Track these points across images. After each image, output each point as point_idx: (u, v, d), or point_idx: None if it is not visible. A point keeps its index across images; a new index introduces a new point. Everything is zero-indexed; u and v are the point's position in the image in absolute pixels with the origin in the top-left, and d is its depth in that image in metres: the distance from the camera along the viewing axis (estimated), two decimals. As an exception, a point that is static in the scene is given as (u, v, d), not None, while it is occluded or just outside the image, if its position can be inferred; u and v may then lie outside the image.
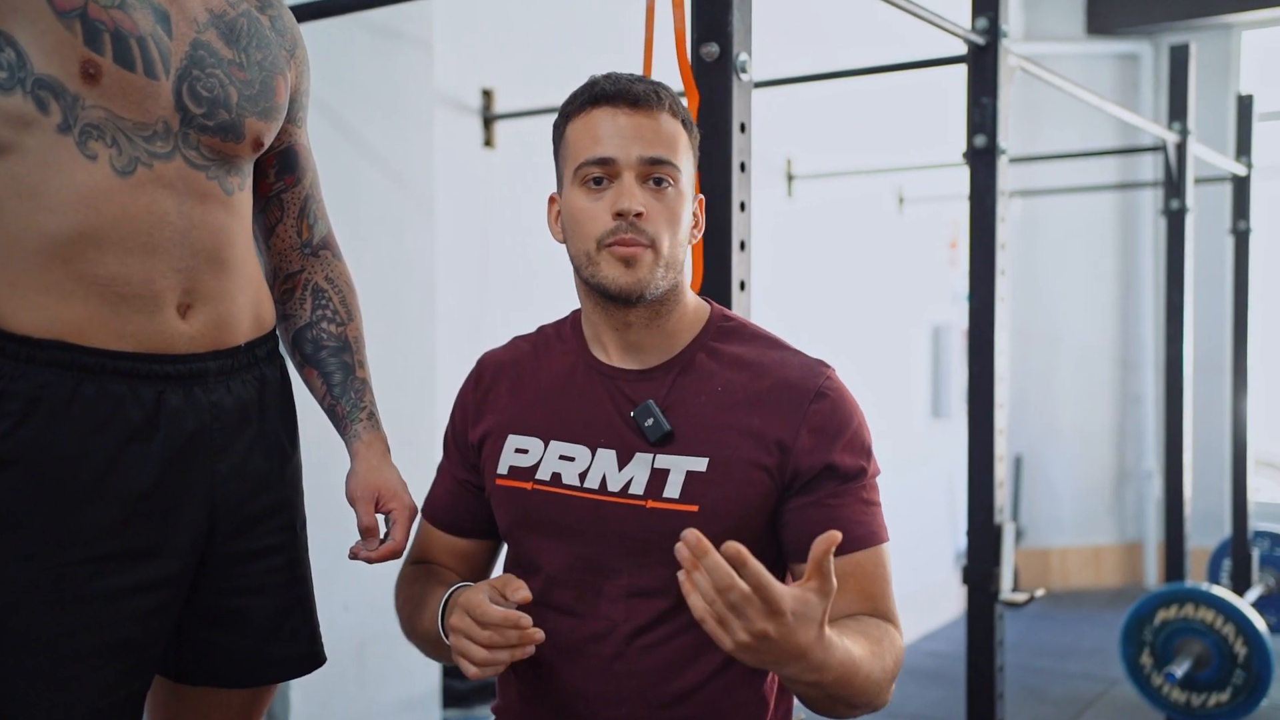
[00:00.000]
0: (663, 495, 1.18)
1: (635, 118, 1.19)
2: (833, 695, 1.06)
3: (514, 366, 1.35)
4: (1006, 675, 4.28)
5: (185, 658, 1.32)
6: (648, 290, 1.19)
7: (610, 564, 1.21)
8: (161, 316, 1.20)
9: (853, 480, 1.20)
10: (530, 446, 1.27)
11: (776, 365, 1.23)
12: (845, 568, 1.16)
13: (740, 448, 1.18)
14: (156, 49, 1.19)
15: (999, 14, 2.26)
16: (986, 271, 2.31)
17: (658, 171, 1.19)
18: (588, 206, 1.19)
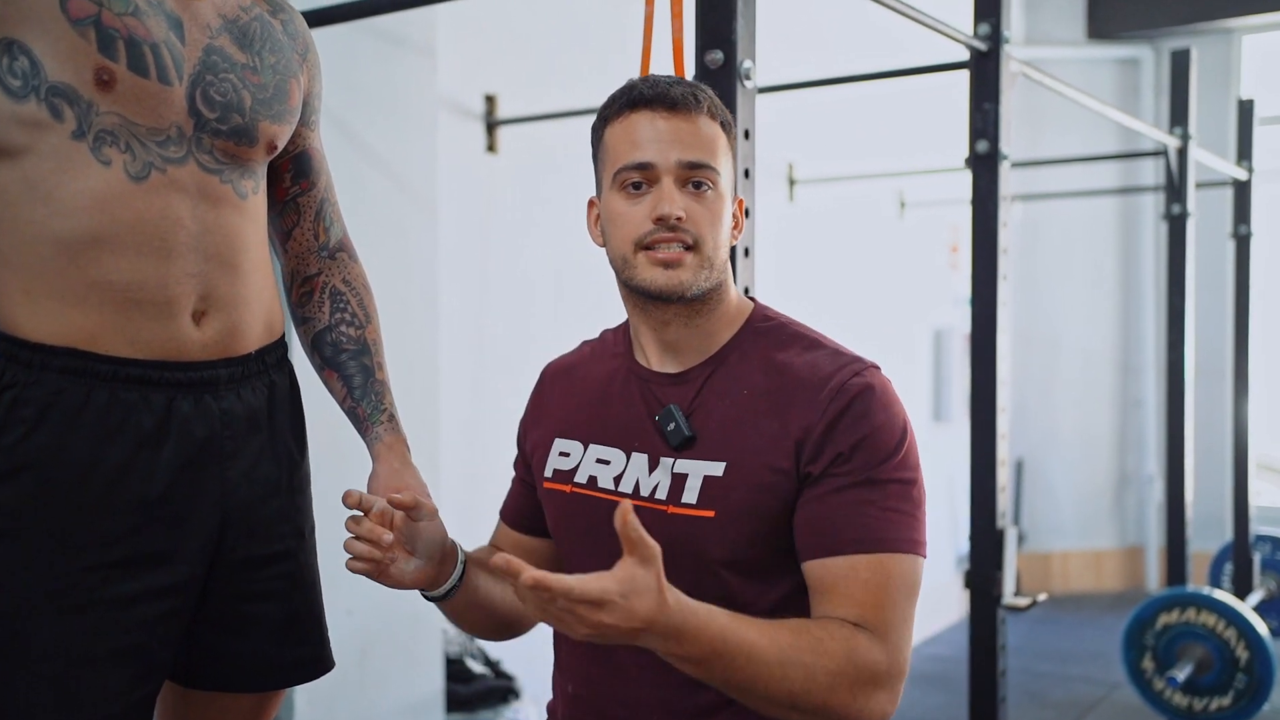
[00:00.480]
0: (681, 500, 1.18)
1: (674, 121, 1.18)
2: (729, 681, 1.03)
3: (569, 371, 1.37)
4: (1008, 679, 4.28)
5: (195, 663, 1.32)
6: (689, 290, 1.18)
7: None
8: (175, 323, 1.21)
9: (865, 477, 1.14)
10: (572, 450, 1.29)
11: (805, 366, 1.20)
12: (839, 569, 1.12)
13: (758, 452, 1.16)
14: (170, 55, 1.20)
15: (1001, 20, 2.27)
16: (988, 276, 2.31)
17: (697, 175, 1.18)
18: (627, 210, 1.19)
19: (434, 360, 2.50)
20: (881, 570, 1.12)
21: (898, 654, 1.11)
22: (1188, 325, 3.50)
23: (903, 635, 1.12)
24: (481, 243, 2.94)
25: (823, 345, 1.24)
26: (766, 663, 1.03)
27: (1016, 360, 5.92)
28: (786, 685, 1.04)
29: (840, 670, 1.06)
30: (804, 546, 1.16)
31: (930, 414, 5.10)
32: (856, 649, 1.08)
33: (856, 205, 4.59)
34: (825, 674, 1.05)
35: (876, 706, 1.09)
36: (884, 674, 1.09)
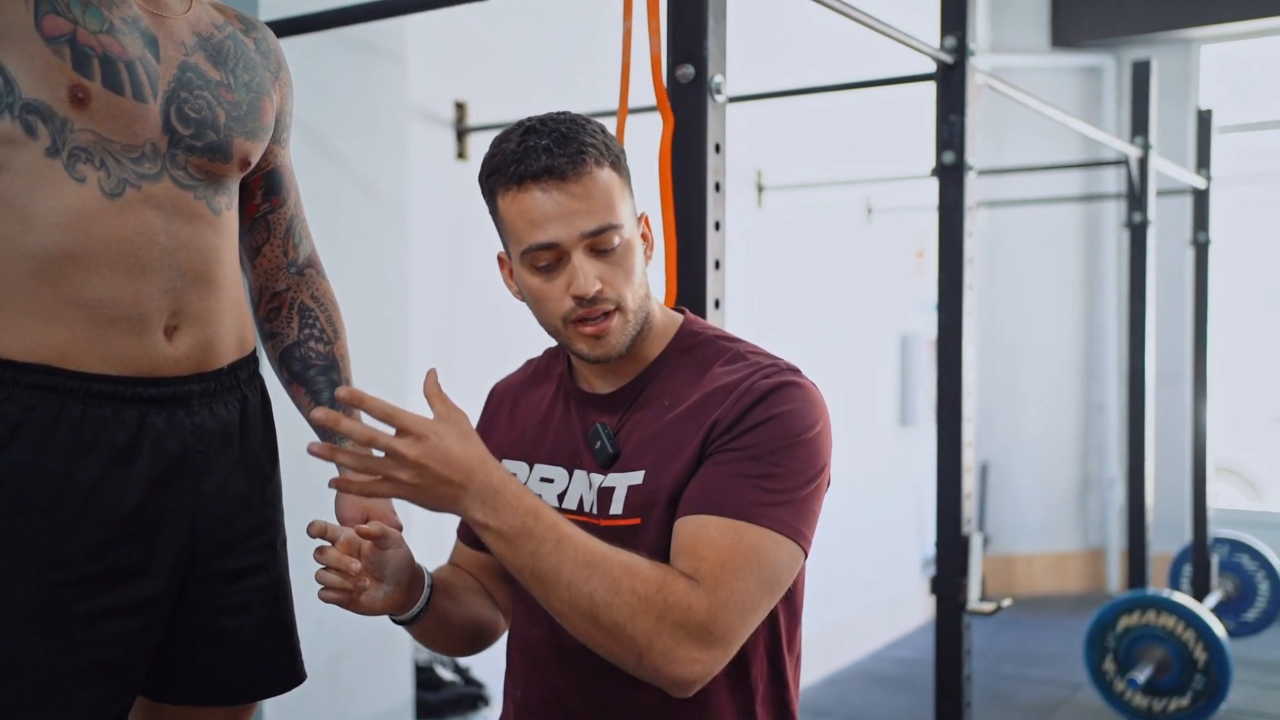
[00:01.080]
0: (610, 512, 1.21)
1: (568, 190, 1.16)
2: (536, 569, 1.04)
3: (514, 391, 1.39)
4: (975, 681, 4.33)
5: (167, 677, 1.32)
6: (620, 352, 1.21)
7: None
8: (148, 339, 1.21)
9: (749, 452, 1.13)
10: (518, 471, 1.31)
11: (723, 374, 1.21)
12: (694, 525, 1.12)
13: (675, 458, 1.18)
14: (145, 72, 1.20)
15: (967, 33, 2.30)
16: (954, 285, 2.34)
17: (602, 241, 1.18)
18: (544, 288, 1.20)
19: (404, 367, 2.50)
20: (733, 533, 1.10)
21: (721, 612, 1.07)
22: (1148, 331, 3.56)
23: (734, 599, 1.08)
24: (452, 249, 2.94)
25: (745, 356, 1.24)
26: (574, 560, 1.04)
27: (981, 365, 6.00)
28: (589, 588, 1.04)
29: (648, 596, 1.05)
30: (679, 511, 1.16)
31: (896, 418, 5.15)
32: (672, 586, 1.06)
33: (824, 211, 4.63)
34: (631, 594, 1.04)
35: (683, 655, 1.06)
36: (698, 622, 1.06)
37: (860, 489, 4.73)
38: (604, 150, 1.19)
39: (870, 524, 4.74)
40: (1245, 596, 4.40)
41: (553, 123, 1.19)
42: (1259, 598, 4.38)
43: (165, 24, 1.24)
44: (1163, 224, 5.18)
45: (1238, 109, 5.81)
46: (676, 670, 1.06)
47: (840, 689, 4.37)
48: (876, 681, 4.45)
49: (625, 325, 1.20)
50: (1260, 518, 5.68)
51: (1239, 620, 4.40)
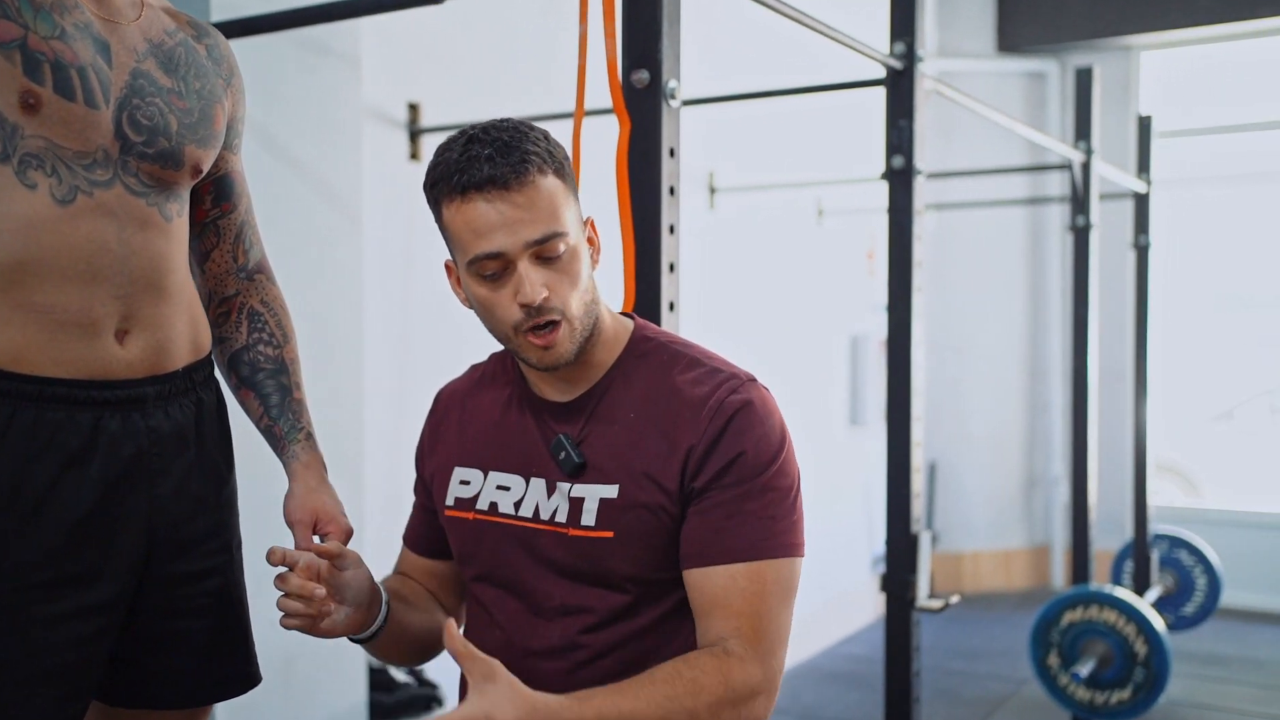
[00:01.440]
0: (581, 523, 1.22)
1: (511, 199, 1.17)
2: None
3: (463, 398, 1.39)
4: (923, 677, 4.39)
5: (122, 681, 1.32)
6: (568, 359, 1.23)
7: (543, 586, 1.25)
8: (99, 343, 1.21)
9: (742, 488, 1.20)
10: (472, 478, 1.31)
11: (687, 385, 1.24)
12: (716, 581, 1.18)
13: (648, 473, 1.21)
14: (97, 79, 1.19)
15: (915, 39, 2.34)
16: (904, 288, 2.39)
17: (547, 249, 1.19)
18: (492, 297, 1.21)
19: (358, 367, 2.50)
20: (759, 578, 1.19)
21: (771, 660, 1.18)
22: (1091, 332, 3.64)
23: (777, 640, 1.19)
24: (406, 250, 2.94)
25: (702, 363, 1.28)
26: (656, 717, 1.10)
27: (928, 366, 6.09)
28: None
29: (720, 700, 1.13)
30: (686, 556, 1.21)
31: (847, 418, 5.21)
32: (731, 676, 1.15)
33: (776, 213, 4.67)
34: (707, 710, 1.13)
35: (757, 711, 1.17)
36: (759, 684, 1.17)
37: (811, 488, 4.76)
38: (547, 158, 1.20)
39: (821, 523, 4.77)
40: (1184, 591, 4.51)
41: (495, 131, 1.19)
42: (1197, 592, 4.49)
43: (117, 30, 1.24)
44: (1105, 227, 5.30)
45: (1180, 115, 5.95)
46: (759, 715, 1.18)
47: (792, 685, 4.41)
48: (828, 678, 4.50)
49: (572, 333, 1.22)
50: (1198, 514, 5.83)
51: (1178, 614, 4.51)
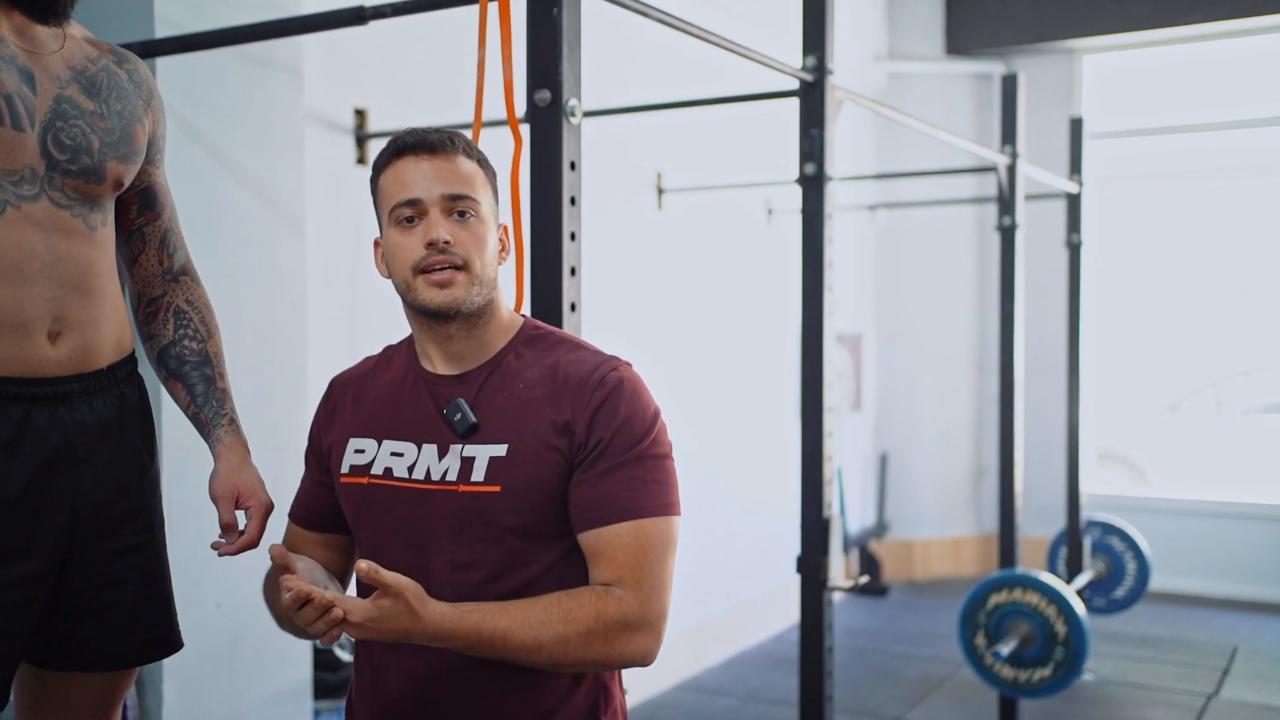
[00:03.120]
0: (471, 479, 1.36)
1: (435, 161, 1.38)
2: (498, 656, 1.28)
3: (359, 380, 1.53)
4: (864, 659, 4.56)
5: (50, 646, 1.45)
6: (463, 307, 1.38)
7: (434, 543, 1.37)
8: (31, 343, 1.34)
9: (626, 456, 1.35)
10: (366, 447, 1.44)
11: (571, 363, 1.41)
12: (604, 538, 1.34)
13: (536, 434, 1.36)
14: (22, 104, 1.33)
15: (825, 54, 2.49)
16: (816, 288, 2.53)
17: (460, 205, 1.38)
18: (403, 241, 1.38)
19: (303, 367, 2.62)
20: (641, 534, 1.35)
21: (651, 603, 1.33)
22: (1018, 328, 3.79)
23: (658, 586, 1.35)
24: (352, 252, 3.06)
25: (584, 348, 1.45)
26: (522, 641, 1.28)
27: (879, 360, 6.26)
28: (545, 653, 1.28)
29: (590, 630, 1.29)
30: (579, 520, 1.37)
31: (797, 412, 5.34)
32: (604, 609, 1.30)
33: (725, 212, 4.81)
34: (578, 636, 1.29)
35: (635, 646, 1.32)
36: (636, 619, 1.32)
37: (760, 481, 4.93)
38: (471, 150, 1.42)
39: (766, 517, 4.94)
40: (1115, 576, 4.69)
41: (432, 128, 1.41)
42: (1127, 577, 4.67)
43: (41, 60, 1.38)
44: (1046, 225, 5.47)
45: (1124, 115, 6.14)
46: (636, 658, 1.34)
47: (739, 670, 4.57)
48: (775, 662, 4.65)
49: (470, 285, 1.37)
50: (1140, 503, 6.02)
51: (1109, 598, 4.69)
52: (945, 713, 4.04)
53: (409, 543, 1.40)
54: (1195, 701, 4.11)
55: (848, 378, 5.84)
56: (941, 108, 6.04)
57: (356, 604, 1.19)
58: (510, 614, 1.28)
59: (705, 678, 4.46)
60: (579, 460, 1.36)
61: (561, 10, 1.68)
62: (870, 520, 6.10)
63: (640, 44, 4.00)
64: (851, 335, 5.88)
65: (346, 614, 1.18)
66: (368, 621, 1.19)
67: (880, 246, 6.20)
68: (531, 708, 1.38)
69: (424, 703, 1.40)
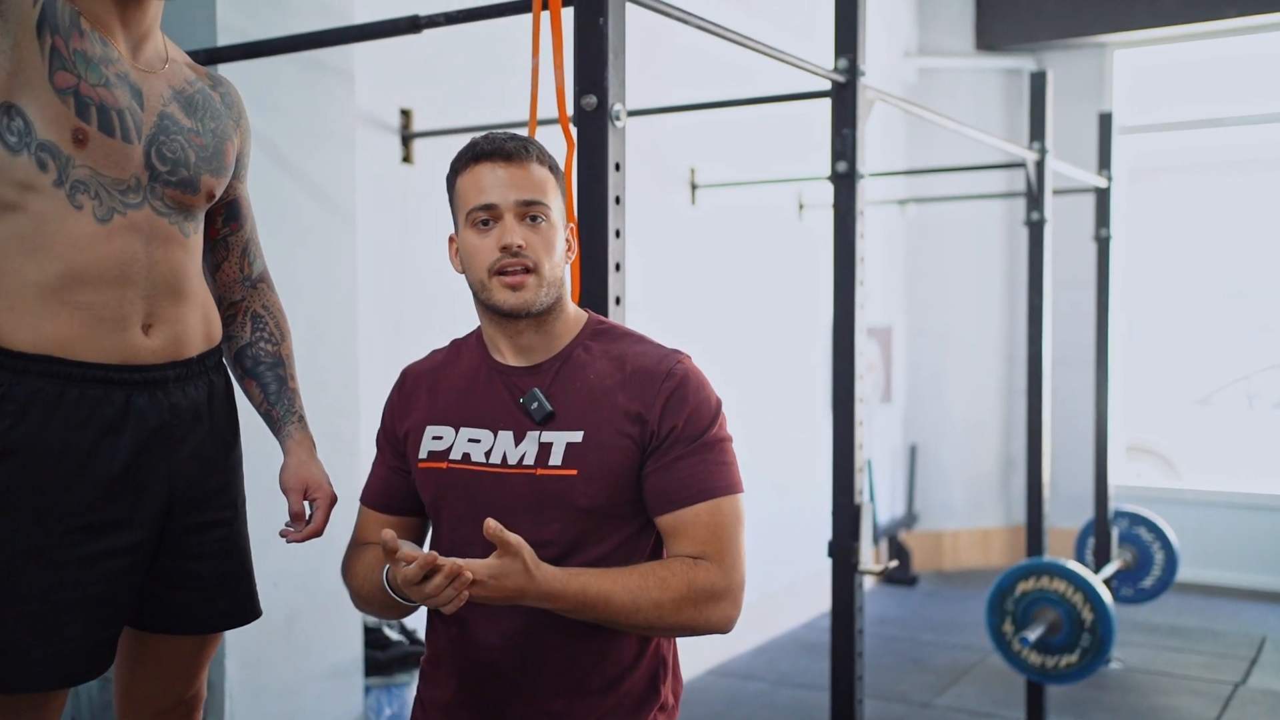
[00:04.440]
0: (548, 464, 1.47)
1: (510, 169, 1.47)
2: (597, 617, 1.38)
3: (431, 372, 1.62)
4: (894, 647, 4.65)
5: (148, 610, 1.58)
6: (533, 307, 1.48)
7: (511, 523, 1.45)
8: (129, 334, 1.47)
9: (697, 443, 1.46)
10: (444, 434, 1.54)
11: (637, 356, 1.52)
12: (684, 518, 1.45)
13: (609, 422, 1.47)
14: (131, 119, 1.46)
15: (857, 55, 2.57)
16: (847, 281, 2.62)
17: (532, 211, 1.48)
18: (479, 243, 1.48)
19: (353, 356, 2.74)
20: (717, 512, 1.46)
21: (733, 573, 1.45)
22: (1046, 321, 3.86)
23: (737, 557, 1.47)
24: (398, 246, 3.18)
25: (647, 341, 1.56)
26: (622, 604, 1.38)
27: (909, 353, 6.32)
28: (641, 616, 1.40)
29: (683, 596, 1.41)
30: (656, 504, 1.47)
31: (827, 402, 5.43)
32: (695, 578, 1.42)
33: (757, 207, 4.90)
34: (671, 602, 1.40)
35: (720, 613, 1.44)
36: (722, 589, 1.43)
37: (790, 471, 5.02)
38: (544, 156, 1.52)
39: (799, 503, 5.03)
40: (1143, 566, 4.74)
41: (507, 133, 1.52)
42: (1155, 567, 4.72)
43: (148, 79, 1.50)
44: (1076, 219, 5.51)
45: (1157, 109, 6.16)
46: (720, 624, 1.45)
47: (770, 655, 4.66)
48: (805, 648, 4.74)
49: (540, 287, 1.48)
50: (1173, 494, 6.06)
51: (1137, 588, 4.75)
52: (973, 699, 4.12)
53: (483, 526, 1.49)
54: (1223, 690, 4.17)
55: (878, 370, 5.92)
56: (971, 103, 6.09)
57: (479, 563, 1.29)
58: (611, 578, 1.39)
59: (736, 663, 4.55)
60: (651, 448, 1.47)
61: (608, 20, 1.78)
62: (900, 511, 6.17)
63: (673, 45, 4.09)
64: (882, 328, 5.95)
65: (473, 574, 1.28)
66: (490, 579, 1.29)
67: (910, 240, 6.26)
68: (600, 674, 1.49)
69: (498, 672, 1.50)
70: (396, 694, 2.80)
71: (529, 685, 1.49)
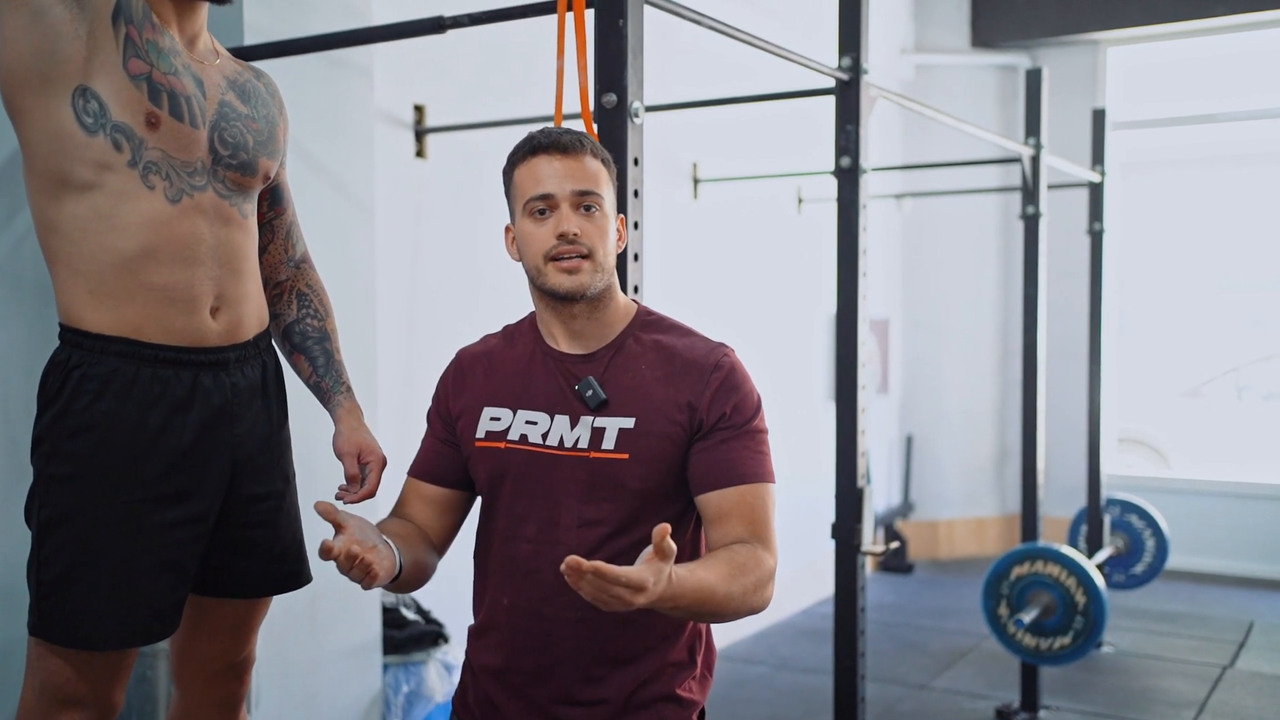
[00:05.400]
0: (601, 447, 1.55)
1: (566, 161, 1.55)
2: (696, 613, 1.44)
3: (486, 356, 1.69)
4: (891, 632, 4.74)
5: (208, 575, 1.69)
6: (588, 291, 1.56)
7: (565, 502, 1.55)
8: (199, 317, 1.58)
9: (741, 430, 1.55)
10: (502, 415, 1.62)
11: (686, 348, 1.60)
12: (732, 497, 1.54)
13: (660, 409, 1.55)
14: (198, 106, 1.56)
15: (860, 54, 2.66)
16: (850, 273, 2.71)
17: (587, 200, 1.56)
18: (535, 231, 1.56)
19: (372, 344, 2.83)
20: (760, 496, 1.55)
21: (775, 554, 1.55)
22: (1041, 313, 3.96)
23: (774, 539, 1.56)
24: (413, 239, 3.26)
25: (694, 334, 1.65)
26: (723, 594, 1.43)
27: (906, 345, 6.43)
28: (732, 605, 1.45)
29: (759, 581, 1.49)
30: (701, 482, 1.55)
31: (826, 393, 5.53)
32: (762, 563, 1.50)
33: (757, 201, 4.99)
34: (754, 586, 1.48)
35: (770, 594, 1.52)
36: (772, 571, 1.52)
37: (791, 459, 5.12)
38: (598, 150, 1.60)
39: (799, 491, 5.12)
40: (1134, 552, 4.85)
41: (563, 128, 1.60)
42: (1146, 553, 4.83)
43: (206, 70, 1.61)
44: (1070, 213, 5.61)
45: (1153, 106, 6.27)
46: (766, 604, 1.52)
47: (770, 640, 4.76)
48: (805, 634, 4.85)
49: (594, 272, 1.55)
50: (1164, 484, 6.17)
51: (1128, 574, 4.86)
52: (969, 681, 4.23)
53: (542, 501, 1.57)
54: (1211, 672, 4.28)
55: (875, 361, 6.02)
56: (968, 99, 6.19)
57: (635, 572, 1.28)
58: (709, 569, 1.43)
59: (738, 647, 4.65)
60: (700, 434, 1.56)
61: (627, 22, 1.87)
62: (896, 500, 6.28)
63: (678, 44, 4.18)
64: (879, 320, 6.05)
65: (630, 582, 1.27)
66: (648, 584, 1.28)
67: (907, 234, 6.37)
68: (642, 643, 1.58)
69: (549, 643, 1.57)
70: (413, 671, 2.89)
71: (577, 654, 1.57)
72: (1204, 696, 4.01)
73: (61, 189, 1.49)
